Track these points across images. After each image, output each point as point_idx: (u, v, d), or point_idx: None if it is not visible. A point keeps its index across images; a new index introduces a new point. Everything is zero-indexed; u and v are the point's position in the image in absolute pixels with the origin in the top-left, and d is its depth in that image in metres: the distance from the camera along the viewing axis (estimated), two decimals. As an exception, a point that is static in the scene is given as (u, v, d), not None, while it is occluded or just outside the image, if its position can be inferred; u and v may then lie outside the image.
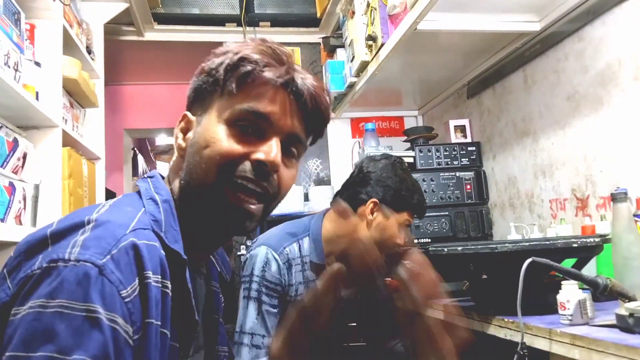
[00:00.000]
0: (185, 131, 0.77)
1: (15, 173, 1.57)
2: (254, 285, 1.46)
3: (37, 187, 1.70)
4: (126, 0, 2.57)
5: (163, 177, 0.79)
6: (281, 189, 0.75)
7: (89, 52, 2.37)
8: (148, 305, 0.61)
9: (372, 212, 1.55)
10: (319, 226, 1.56)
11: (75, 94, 2.14)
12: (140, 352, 0.60)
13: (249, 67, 0.72)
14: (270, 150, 0.71)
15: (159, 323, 0.63)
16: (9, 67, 1.50)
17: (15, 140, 1.57)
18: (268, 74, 0.72)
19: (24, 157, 1.63)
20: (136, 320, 0.60)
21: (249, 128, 0.72)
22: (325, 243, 1.54)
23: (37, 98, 1.71)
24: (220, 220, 0.73)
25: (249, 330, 1.43)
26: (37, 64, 1.79)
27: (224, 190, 0.70)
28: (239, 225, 0.73)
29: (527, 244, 1.22)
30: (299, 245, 1.53)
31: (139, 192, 0.75)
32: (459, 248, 1.28)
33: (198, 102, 0.77)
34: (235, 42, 0.77)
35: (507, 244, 1.22)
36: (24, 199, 1.61)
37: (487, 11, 1.82)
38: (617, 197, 1.26)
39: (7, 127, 1.53)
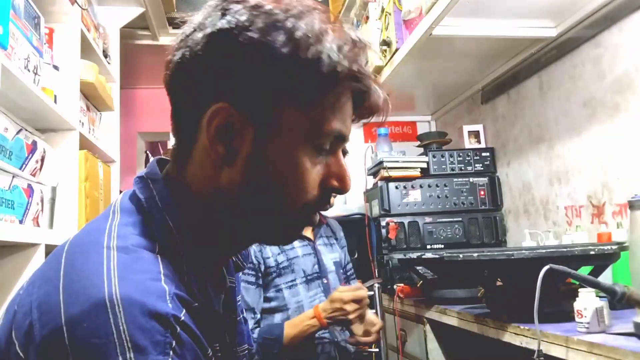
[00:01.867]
0: (226, 131, 0.59)
1: (34, 175, 1.59)
2: None
3: (54, 189, 1.71)
4: (142, 4, 2.60)
5: (161, 164, 0.67)
6: None
7: (106, 56, 2.40)
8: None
9: None
10: None
11: (92, 98, 2.16)
12: None
13: (363, 88, 0.60)
14: (346, 175, 0.63)
15: None
16: (28, 70, 1.52)
17: (34, 143, 1.59)
18: (372, 94, 0.62)
19: (42, 159, 1.65)
20: None
21: (325, 147, 0.62)
22: None
23: (55, 101, 1.73)
24: (285, 236, 0.68)
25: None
26: (56, 67, 1.81)
27: (303, 217, 0.64)
28: (295, 237, 0.69)
29: (544, 251, 1.21)
30: None
31: (138, 203, 0.61)
32: (475, 254, 1.27)
33: (246, 91, 0.58)
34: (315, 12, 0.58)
35: (523, 251, 1.21)
36: (42, 201, 1.63)
37: (503, 16, 1.82)
38: (634, 204, 1.25)
39: (26, 129, 1.55)
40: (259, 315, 1.64)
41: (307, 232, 1.79)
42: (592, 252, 1.17)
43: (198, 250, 0.60)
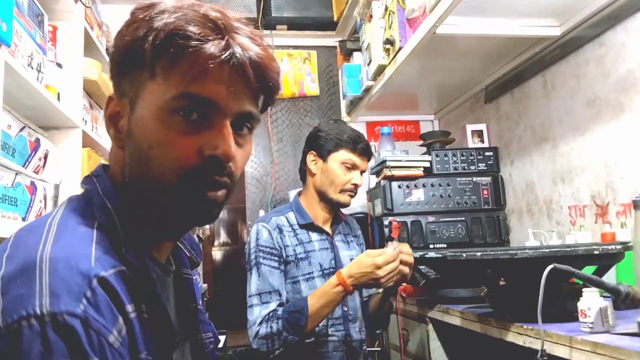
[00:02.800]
0: (116, 117, 0.69)
1: (37, 173, 1.60)
2: (252, 255, 1.67)
3: (57, 187, 1.72)
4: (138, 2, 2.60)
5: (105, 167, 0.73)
6: (237, 172, 0.69)
7: (109, 54, 2.40)
8: (136, 342, 0.58)
9: (312, 162, 1.77)
10: (298, 201, 1.80)
11: (95, 95, 2.17)
12: None
13: (182, 44, 0.61)
14: (223, 141, 0.64)
15: (145, 353, 0.59)
16: (32, 68, 1.52)
17: (37, 141, 1.60)
18: (206, 50, 0.62)
19: (45, 157, 1.66)
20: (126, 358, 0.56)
21: (192, 115, 0.64)
22: (306, 209, 1.77)
23: (58, 99, 1.73)
24: (184, 214, 0.67)
25: (256, 292, 1.62)
26: (59, 65, 1.81)
27: (187, 190, 0.65)
28: (206, 215, 0.68)
29: (548, 250, 1.21)
30: (286, 218, 1.75)
31: (84, 194, 0.68)
32: (478, 254, 1.27)
33: (125, 81, 0.67)
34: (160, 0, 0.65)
35: (527, 250, 1.20)
36: (45, 198, 1.63)
37: (507, 15, 1.81)
38: (638, 204, 1.24)
39: (29, 127, 1.56)
40: (283, 298, 1.63)
41: (326, 226, 1.79)
42: (596, 252, 1.17)
43: (138, 230, 0.66)
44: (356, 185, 1.74)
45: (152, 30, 0.62)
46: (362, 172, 1.77)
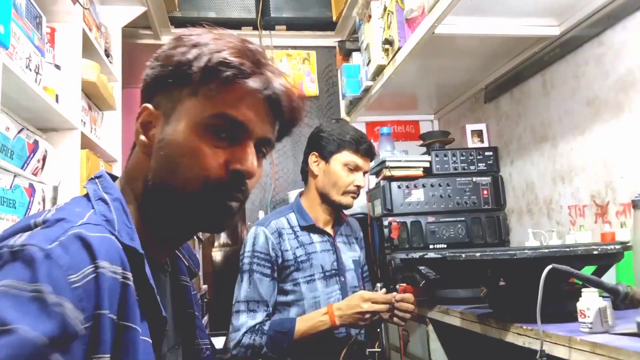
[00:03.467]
0: (147, 126, 0.75)
1: (35, 175, 1.59)
2: (246, 260, 1.66)
3: (56, 188, 1.71)
4: (144, 4, 2.60)
5: (113, 177, 0.78)
6: (250, 190, 0.76)
7: (107, 55, 2.40)
8: (99, 295, 0.58)
9: (314, 163, 1.76)
10: (299, 202, 1.79)
11: (93, 97, 2.16)
12: (92, 342, 0.57)
13: (229, 73, 0.69)
14: (247, 159, 0.71)
15: (114, 316, 0.60)
16: (30, 69, 1.52)
17: (36, 142, 1.59)
18: (250, 83, 0.70)
19: (44, 159, 1.65)
20: (87, 308, 0.57)
21: (222, 132, 0.71)
22: (307, 210, 1.77)
23: (56, 100, 1.73)
24: (202, 219, 0.73)
25: (244, 299, 1.62)
26: (57, 67, 1.81)
27: (208, 197, 0.71)
28: (221, 223, 0.74)
29: (547, 250, 1.20)
30: (287, 219, 1.73)
31: (87, 195, 0.73)
32: (477, 254, 1.26)
33: (162, 94, 0.74)
34: (205, 30, 0.75)
35: (526, 251, 1.20)
36: (43, 200, 1.63)
37: (506, 15, 1.81)
38: (638, 204, 1.24)
39: (27, 129, 1.55)
40: (270, 309, 1.63)
41: (327, 228, 1.78)
42: (595, 252, 1.17)
43: (142, 232, 0.70)
44: (359, 187, 1.74)
45: (202, 55, 0.69)
46: (365, 172, 1.76)
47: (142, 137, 0.75)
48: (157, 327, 0.67)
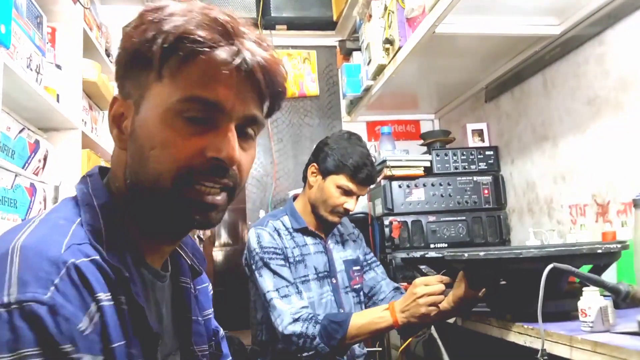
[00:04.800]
0: (119, 118, 0.69)
1: (36, 174, 1.59)
2: (257, 257, 1.64)
3: (57, 188, 1.71)
4: (144, 4, 2.60)
5: (108, 170, 0.73)
6: (242, 176, 0.69)
7: (108, 55, 2.40)
8: (108, 331, 0.57)
9: (312, 174, 1.76)
10: (293, 206, 1.81)
11: (94, 97, 2.16)
12: None
13: (191, 48, 0.61)
14: (227, 144, 0.64)
15: (123, 342, 0.59)
16: (31, 69, 1.52)
17: (37, 142, 1.60)
18: (215, 56, 0.62)
19: (45, 158, 1.65)
20: (99, 350, 0.56)
21: (197, 118, 0.63)
22: (300, 214, 1.78)
23: (57, 100, 1.73)
24: (182, 217, 0.66)
25: (274, 288, 1.59)
26: (58, 66, 1.81)
27: (183, 192, 0.64)
28: (205, 218, 0.67)
29: (554, 249, 1.19)
30: (282, 222, 1.75)
31: (76, 195, 0.68)
32: (481, 253, 1.25)
33: (130, 82, 0.67)
34: (171, 2, 0.66)
35: (532, 250, 1.19)
36: (45, 200, 1.63)
37: (507, 14, 1.81)
38: (639, 203, 1.24)
39: (28, 129, 1.55)
40: (300, 290, 1.62)
41: (319, 230, 1.78)
42: (599, 251, 1.17)
43: (127, 231, 0.66)
44: (347, 210, 1.72)
45: (161, 32, 0.62)
46: (358, 196, 1.74)
47: (115, 131, 0.69)
48: (150, 342, 0.65)
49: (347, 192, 1.70)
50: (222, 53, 0.62)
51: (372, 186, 2.51)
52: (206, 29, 0.62)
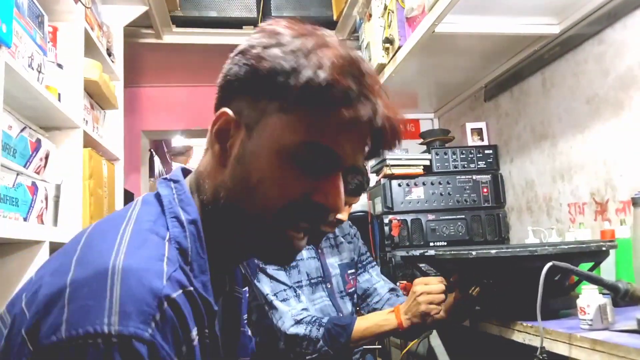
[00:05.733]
0: (224, 134, 0.65)
1: (38, 173, 1.60)
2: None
3: (58, 187, 1.72)
4: (145, 3, 2.60)
5: (185, 173, 0.71)
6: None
7: (109, 54, 2.40)
8: None
9: None
10: None
11: (95, 96, 2.17)
12: None
13: (333, 97, 0.58)
14: (337, 194, 0.63)
15: None
16: (32, 68, 1.52)
17: (38, 141, 1.60)
18: (357, 112, 0.59)
19: (46, 157, 1.66)
20: None
21: (315, 163, 0.61)
22: None
23: (59, 99, 1.73)
24: (267, 252, 0.67)
25: (272, 292, 1.57)
26: (60, 65, 1.82)
27: (281, 228, 0.63)
28: (287, 259, 0.68)
29: (567, 247, 1.20)
30: None
31: (158, 198, 0.66)
32: (493, 251, 1.25)
33: (245, 99, 0.63)
34: (300, 28, 0.62)
35: (547, 247, 1.19)
36: (46, 198, 1.64)
37: (506, 14, 1.82)
38: (637, 201, 1.25)
39: (30, 127, 1.56)
40: (298, 292, 1.61)
41: None
42: (603, 249, 1.17)
43: (206, 247, 0.63)
44: (339, 220, 1.68)
45: (303, 67, 0.58)
46: (350, 205, 1.71)
47: (218, 147, 0.65)
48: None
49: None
50: (364, 112, 0.60)
51: (372, 186, 2.52)
52: (350, 79, 0.59)
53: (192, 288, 0.57)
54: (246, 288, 0.87)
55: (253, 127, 0.62)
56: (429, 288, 1.40)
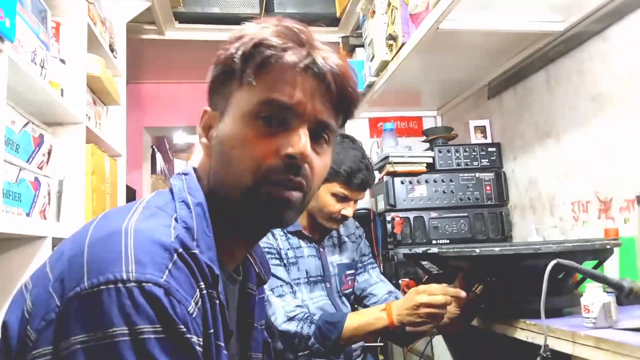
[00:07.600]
0: (208, 128, 0.75)
1: (40, 168, 1.60)
2: None
3: (61, 182, 1.72)
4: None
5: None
6: (314, 178, 0.72)
7: (112, 50, 2.40)
8: (207, 316, 0.62)
9: None
10: None
11: (98, 92, 2.17)
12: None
13: (266, 53, 0.67)
14: (298, 141, 0.67)
15: (212, 331, 0.63)
16: (35, 64, 1.52)
17: (41, 136, 1.60)
18: (287, 58, 0.67)
19: (49, 152, 1.66)
20: (201, 334, 0.60)
21: (273, 119, 0.68)
22: None
23: (62, 95, 1.74)
24: (259, 213, 0.70)
25: (269, 287, 1.57)
26: (62, 61, 1.82)
27: (261, 189, 0.68)
28: (280, 215, 0.70)
29: (571, 245, 1.19)
30: None
31: (171, 190, 0.72)
32: (497, 248, 1.24)
33: (218, 95, 0.73)
34: (252, 22, 0.72)
35: (551, 245, 1.18)
36: (49, 194, 1.64)
37: (510, 11, 1.81)
38: (642, 200, 1.25)
39: (33, 123, 1.56)
40: (294, 289, 1.62)
41: (314, 234, 1.77)
42: (607, 247, 1.17)
43: (213, 232, 0.69)
44: (345, 216, 1.69)
45: (242, 44, 0.68)
46: (356, 201, 1.71)
47: (203, 140, 0.75)
48: (225, 338, 0.67)
49: (343, 199, 1.66)
50: (294, 56, 0.67)
51: (375, 183, 2.52)
52: (280, 36, 0.68)
53: (196, 250, 0.63)
54: (261, 287, 0.91)
55: (224, 111, 0.72)
56: (432, 299, 1.33)
